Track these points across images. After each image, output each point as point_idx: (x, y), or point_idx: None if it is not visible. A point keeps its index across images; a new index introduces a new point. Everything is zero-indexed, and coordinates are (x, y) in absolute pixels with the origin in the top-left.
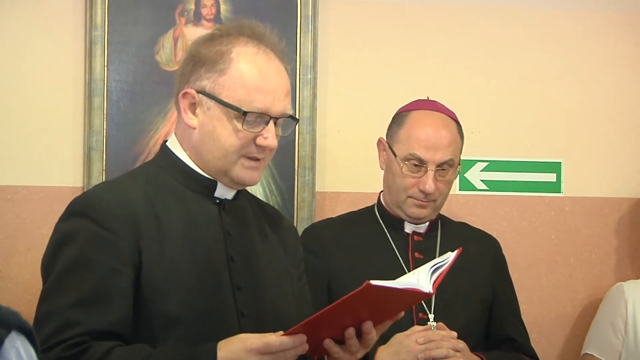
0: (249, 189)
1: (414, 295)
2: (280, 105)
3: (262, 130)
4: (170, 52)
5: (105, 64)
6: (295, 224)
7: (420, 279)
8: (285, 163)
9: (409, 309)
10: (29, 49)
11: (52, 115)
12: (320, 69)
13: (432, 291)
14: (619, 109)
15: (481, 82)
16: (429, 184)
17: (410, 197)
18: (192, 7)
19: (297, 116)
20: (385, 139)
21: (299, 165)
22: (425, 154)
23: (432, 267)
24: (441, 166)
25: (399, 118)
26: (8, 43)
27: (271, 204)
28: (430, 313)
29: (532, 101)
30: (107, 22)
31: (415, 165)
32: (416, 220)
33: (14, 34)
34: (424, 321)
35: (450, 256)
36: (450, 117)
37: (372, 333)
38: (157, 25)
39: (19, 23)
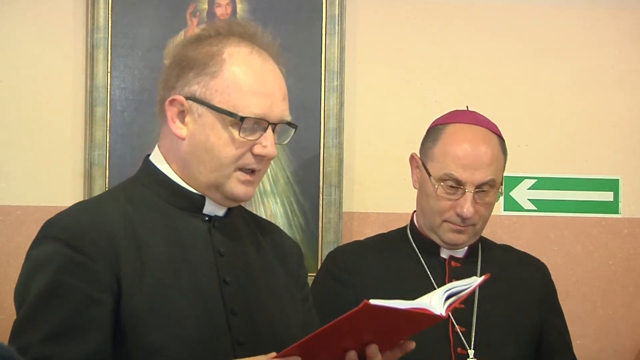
0: (269, 206)
1: (423, 317)
2: (278, 109)
3: (259, 137)
4: None
5: (109, 70)
6: (320, 248)
7: (433, 300)
8: (309, 180)
9: (446, 343)
10: (23, 53)
11: (50, 127)
12: (348, 74)
13: (443, 314)
14: None
15: (528, 89)
16: (467, 208)
17: (446, 221)
18: (205, 6)
19: (322, 127)
20: (418, 155)
21: (324, 183)
22: (462, 174)
23: (448, 289)
24: (481, 187)
25: (434, 132)
26: (0, 47)
27: (293, 225)
28: (471, 348)
29: (585, 110)
30: (111, 23)
31: (452, 186)
32: (453, 247)
33: (6, 36)
34: (463, 357)
35: (475, 281)
36: (492, 131)
37: (377, 357)
38: (166, 27)
39: (13, 25)
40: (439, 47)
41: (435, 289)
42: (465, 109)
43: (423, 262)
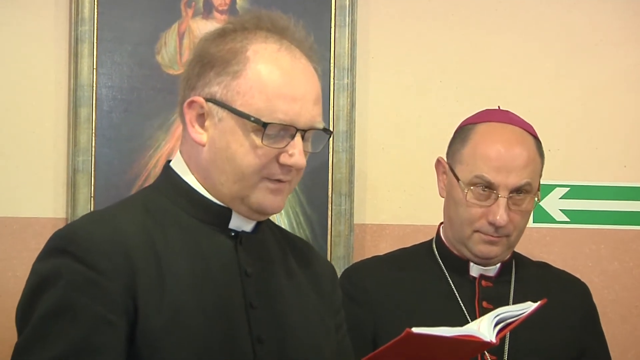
0: (273, 217)
1: (470, 345)
2: (308, 115)
3: (286, 145)
4: (175, 51)
5: (94, 67)
6: None
7: (482, 326)
8: (316, 188)
9: None
10: (0, 49)
11: (29, 130)
12: (360, 71)
13: (494, 341)
14: None
15: (560, 88)
16: (501, 215)
17: (477, 231)
18: None
19: (330, 130)
20: (445, 159)
21: (333, 192)
22: (495, 177)
23: (498, 315)
24: (516, 192)
25: (463, 133)
26: None
27: None
28: None
29: (624, 111)
30: (97, 14)
31: (483, 191)
32: (485, 261)
33: None
34: None
35: (529, 307)
36: (527, 132)
37: None
38: (158, 19)
39: None
40: (461, 40)
41: (463, 310)
42: (497, 108)
43: (450, 280)
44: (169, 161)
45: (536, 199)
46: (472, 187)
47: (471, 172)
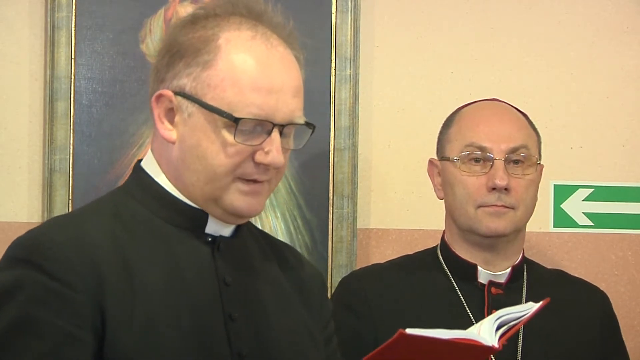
0: (268, 222)
1: (471, 350)
2: (286, 108)
3: (262, 142)
4: (161, 39)
5: (73, 57)
6: (329, 272)
7: (483, 329)
8: (316, 190)
9: None
10: None
11: (1, 127)
12: (364, 62)
13: (496, 345)
14: None
15: (585, 79)
16: (500, 176)
17: (480, 206)
18: None
19: (331, 126)
20: (436, 158)
21: (334, 193)
22: (486, 140)
23: (499, 317)
24: (513, 155)
25: (447, 120)
26: None
27: (297, 244)
28: None
29: None
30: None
31: (477, 161)
32: (493, 241)
33: None
34: None
35: (532, 307)
36: (517, 110)
37: None
38: (142, 4)
39: None
40: (475, 28)
41: (472, 321)
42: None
43: (457, 289)
44: (140, 160)
45: (538, 162)
46: (465, 160)
47: (461, 144)
